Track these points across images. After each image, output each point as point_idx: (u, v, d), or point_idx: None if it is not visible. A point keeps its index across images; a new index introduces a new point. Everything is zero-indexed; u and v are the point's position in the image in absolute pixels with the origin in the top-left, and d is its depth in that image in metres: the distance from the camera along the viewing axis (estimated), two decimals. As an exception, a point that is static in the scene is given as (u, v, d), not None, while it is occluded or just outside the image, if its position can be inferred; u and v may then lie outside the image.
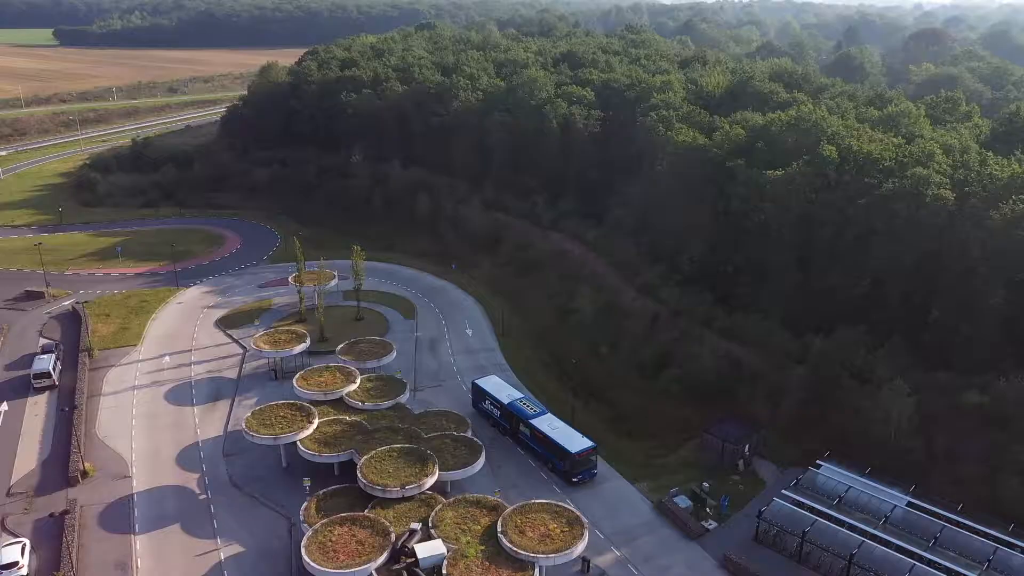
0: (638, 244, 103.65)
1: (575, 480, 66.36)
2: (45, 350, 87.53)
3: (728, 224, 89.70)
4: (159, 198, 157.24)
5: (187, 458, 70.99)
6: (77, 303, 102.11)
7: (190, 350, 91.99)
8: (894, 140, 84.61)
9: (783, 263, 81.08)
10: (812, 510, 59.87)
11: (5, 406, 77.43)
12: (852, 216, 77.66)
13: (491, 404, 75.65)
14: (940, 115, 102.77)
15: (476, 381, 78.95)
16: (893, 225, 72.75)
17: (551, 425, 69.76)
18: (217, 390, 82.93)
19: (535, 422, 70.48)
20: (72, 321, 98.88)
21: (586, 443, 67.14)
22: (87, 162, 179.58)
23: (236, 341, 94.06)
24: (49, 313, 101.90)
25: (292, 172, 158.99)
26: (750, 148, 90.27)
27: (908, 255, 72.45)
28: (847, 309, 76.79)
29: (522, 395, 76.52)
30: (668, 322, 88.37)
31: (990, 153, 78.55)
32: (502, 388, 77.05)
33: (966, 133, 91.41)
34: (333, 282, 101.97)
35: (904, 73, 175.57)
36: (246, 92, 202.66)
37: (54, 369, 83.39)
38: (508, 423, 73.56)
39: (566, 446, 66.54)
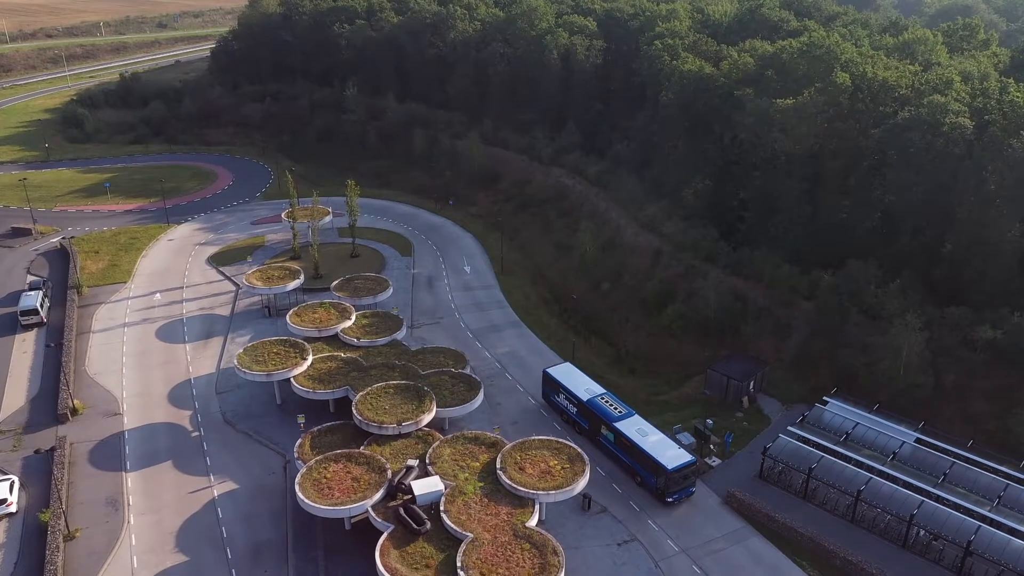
0: (641, 179, 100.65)
1: (669, 500, 56.15)
2: (32, 287, 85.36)
3: (735, 157, 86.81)
4: (148, 134, 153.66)
5: (179, 396, 69.43)
6: (64, 239, 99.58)
7: (181, 287, 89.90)
8: (910, 68, 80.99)
9: (792, 197, 78.25)
10: (818, 447, 58.52)
11: (-8, 343, 75.77)
12: (865, 146, 74.79)
13: (566, 398, 64.78)
14: (957, 43, 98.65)
15: (547, 370, 67.52)
16: (908, 155, 69.76)
17: (640, 431, 58.85)
18: (209, 327, 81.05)
19: (621, 426, 59.56)
20: (60, 258, 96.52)
21: (684, 457, 56.29)
22: (74, 98, 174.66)
23: (229, 278, 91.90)
24: (37, 250, 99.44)
25: (284, 107, 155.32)
26: (759, 77, 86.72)
27: (923, 186, 69.74)
28: (857, 244, 74.51)
29: (603, 390, 64.53)
30: (671, 258, 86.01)
31: (1011, 80, 75.03)
32: (578, 380, 65.74)
33: (985, 61, 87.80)
34: (327, 218, 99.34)
35: (917, 4, 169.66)
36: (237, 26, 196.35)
37: (42, 306, 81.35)
38: (587, 422, 63.04)
39: (660, 460, 55.70)
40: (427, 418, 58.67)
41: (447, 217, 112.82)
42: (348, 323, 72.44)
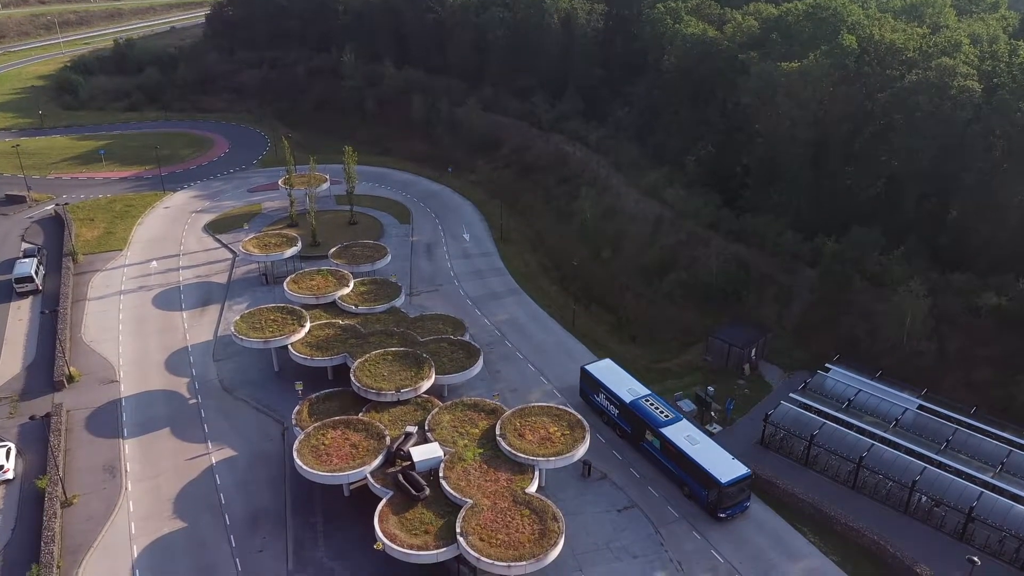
0: (642, 145, 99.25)
1: (722, 516, 51.61)
2: (27, 254, 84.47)
3: (738, 123, 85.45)
4: (143, 101, 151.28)
5: (176, 363, 68.88)
6: (59, 205, 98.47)
7: (178, 255, 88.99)
8: (918, 30, 79.39)
9: (795, 163, 77.09)
10: (820, 413, 58.16)
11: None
12: (871, 111, 73.52)
13: (606, 399, 60.16)
14: (966, 5, 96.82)
15: (586, 367, 62.71)
16: (915, 119, 68.59)
17: (690, 438, 53.96)
18: (206, 295, 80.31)
19: (668, 432, 54.62)
20: (55, 226, 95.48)
21: (739, 469, 51.31)
22: (68, 65, 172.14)
23: (225, 246, 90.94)
24: (31, 217, 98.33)
25: (281, 74, 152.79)
26: (764, 40, 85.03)
27: (929, 151, 68.61)
28: (861, 211, 73.64)
29: (647, 391, 59.50)
30: (672, 225, 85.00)
31: (1020, 43, 73.52)
32: (620, 378, 60.90)
33: (994, 23, 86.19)
34: (325, 185, 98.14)
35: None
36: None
37: (37, 273, 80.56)
38: (629, 426, 58.39)
39: (713, 472, 50.92)
40: (426, 385, 58.16)
41: (446, 184, 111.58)
42: (346, 290, 71.71)
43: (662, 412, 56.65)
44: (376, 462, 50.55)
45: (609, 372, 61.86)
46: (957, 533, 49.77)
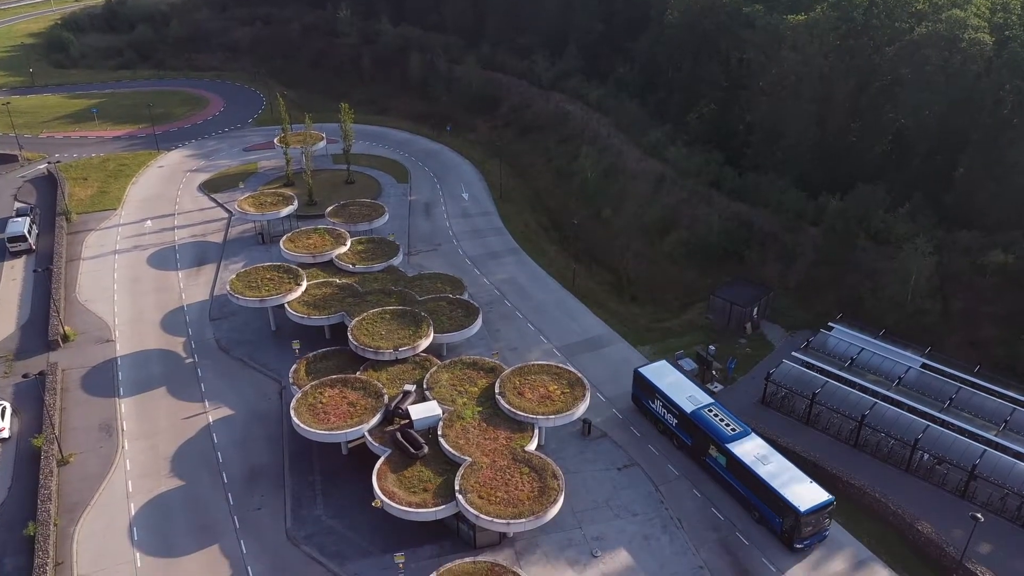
0: (644, 103, 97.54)
1: (798, 547, 46.14)
2: (20, 213, 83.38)
3: (741, 79, 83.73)
4: (135, 59, 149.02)
5: (172, 322, 68.17)
6: (51, 164, 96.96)
7: (173, 214, 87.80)
8: (928, -18, 77.28)
9: (800, 120, 75.54)
10: (823, 372, 57.64)
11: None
12: (878, 65, 71.89)
13: (663, 406, 54.54)
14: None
15: (640, 370, 57.01)
16: (923, 74, 66.91)
17: (762, 457, 48.35)
18: (202, 254, 79.33)
19: (736, 450, 49.02)
20: (48, 185, 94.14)
21: (820, 495, 45.70)
22: (59, 22, 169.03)
23: (221, 205, 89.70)
24: (23, 177, 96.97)
25: (275, 31, 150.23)
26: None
27: (937, 106, 67.18)
28: (866, 169, 72.54)
29: (710, 399, 53.68)
30: (674, 184, 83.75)
31: (1033, -6, 71.71)
32: (678, 384, 55.07)
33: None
34: (321, 144, 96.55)
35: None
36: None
37: (30, 233, 79.52)
38: (690, 438, 52.80)
39: (790, 499, 45.34)
40: (424, 343, 57.46)
41: (445, 143, 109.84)
42: (343, 249, 70.71)
43: (728, 425, 50.94)
44: (374, 420, 50.04)
45: (665, 375, 56.02)
46: (958, 491, 49.50)
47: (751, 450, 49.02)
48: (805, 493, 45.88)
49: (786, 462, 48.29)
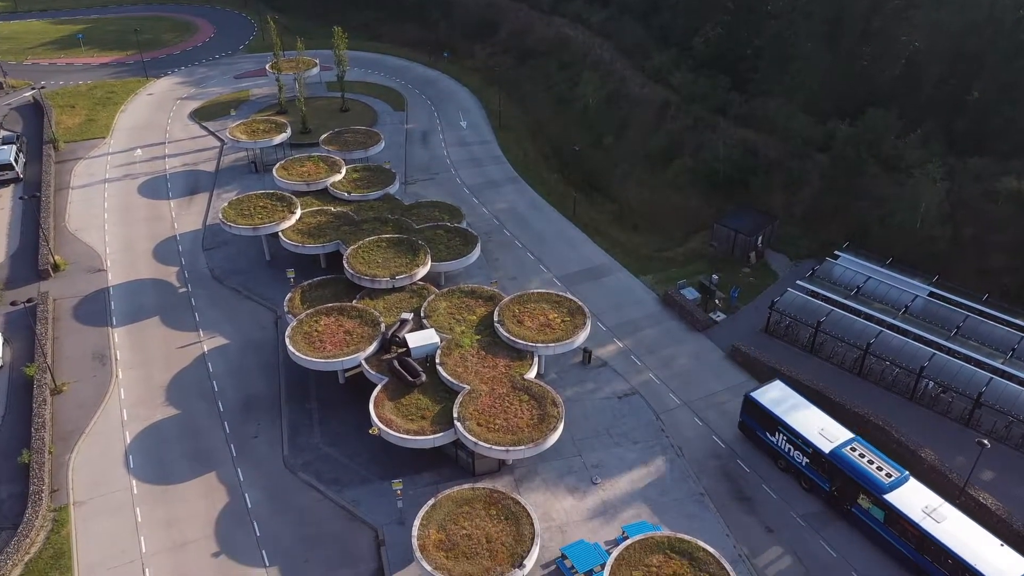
0: (647, 27, 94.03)
1: None
2: (5, 141, 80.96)
3: (750, 1, 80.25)
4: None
5: (164, 252, 66.84)
6: (37, 91, 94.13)
7: (163, 143, 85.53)
8: None
9: (810, 43, 72.66)
10: (828, 300, 56.50)
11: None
12: (894, -17, 68.78)
13: (787, 441, 45.12)
14: None
15: (752, 395, 47.18)
16: (940, -9, 64.16)
17: (932, 510, 39.48)
18: (194, 183, 77.47)
19: (897, 502, 40.14)
20: (34, 113, 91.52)
21: (1018, 564, 37.08)
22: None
23: (213, 134, 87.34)
24: (9, 104, 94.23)
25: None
26: (781, -94, 78.92)
27: (953, 27, 64.40)
28: (878, 94, 69.89)
29: (850, 434, 44.23)
30: (679, 110, 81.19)
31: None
32: (804, 413, 45.71)
33: None
34: (314, 70, 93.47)
35: None
36: None
37: (16, 161, 77.43)
38: (827, 483, 43.49)
39: (985, 573, 36.63)
40: (421, 272, 56.24)
41: (442, 71, 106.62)
42: (338, 177, 68.84)
43: (880, 468, 41.71)
44: (371, 348, 49.17)
45: (785, 403, 46.47)
46: (963, 419, 48.94)
47: (916, 501, 40.25)
48: (998, 561, 37.16)
49: (963, 516, 39.68)
